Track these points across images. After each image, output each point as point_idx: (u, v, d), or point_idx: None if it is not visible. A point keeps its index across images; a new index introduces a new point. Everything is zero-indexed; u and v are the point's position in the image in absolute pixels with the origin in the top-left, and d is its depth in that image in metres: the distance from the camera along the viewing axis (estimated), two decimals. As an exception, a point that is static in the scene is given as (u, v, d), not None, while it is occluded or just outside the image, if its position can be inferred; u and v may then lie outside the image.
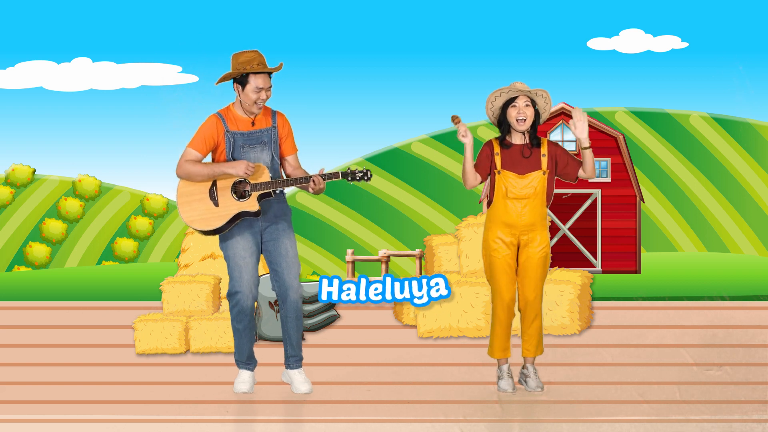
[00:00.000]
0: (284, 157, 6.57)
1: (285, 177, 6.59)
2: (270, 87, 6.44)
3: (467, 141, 6.36)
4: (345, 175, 6.37)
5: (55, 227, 24.92)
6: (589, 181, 19.01)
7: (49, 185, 25.29)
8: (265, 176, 6.41)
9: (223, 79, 6.47)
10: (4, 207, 24.83)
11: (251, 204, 6.38)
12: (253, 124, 6.48)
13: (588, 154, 6.44)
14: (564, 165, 6.50)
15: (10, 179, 25.06)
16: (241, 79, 6.41)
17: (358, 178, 6.39)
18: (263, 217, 6.47)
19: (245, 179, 6.37)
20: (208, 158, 6.54)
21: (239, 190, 6.41)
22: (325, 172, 6.38)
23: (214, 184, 6.43)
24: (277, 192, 6.49)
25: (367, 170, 6.40)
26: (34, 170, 25.24)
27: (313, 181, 6.34)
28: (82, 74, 25.38)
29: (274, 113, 6.56)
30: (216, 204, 6.40)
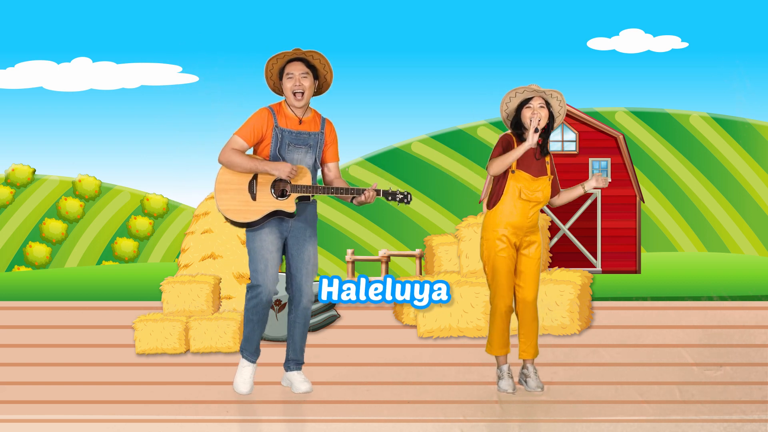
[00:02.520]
0: (326, 163, 6.58)
1: (324, 183, 6.63)
2: (304, 73, 6.42)
3: (531, 142, 6.30)
4: (386, 194, 6.44)
5: (55, 227, 24.91)
6: (589, 181, 19.02)
7: (49, 185, 25.28)
8: (307, 179, 6.41)
9: (268, 80, 6.48)
10: (4, 207, 24.83)
11: (289, 204, 6.38)
12: (300, 122, 6.49)
13: (578, 193, 6.53)
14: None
15: (10, 179, 25.06)
16: (280, 74, 6.45)
17: (398, 199, 6.46)
18: (294, 220, 6.48)
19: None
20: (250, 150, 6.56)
21: (279, 188, 6.41)
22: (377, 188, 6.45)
23: (255, 177, 6.42)
24: (312, 197, 6.50)
25: (407, 192, 6.47)
26: (34, 170, 25.23)
27: (365, 196, 6.38)
28: (82, 74, 25.37)
29: (323, 119, 6.58)
30: (254, 198, 6.40)
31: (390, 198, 6.44)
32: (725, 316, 9.16)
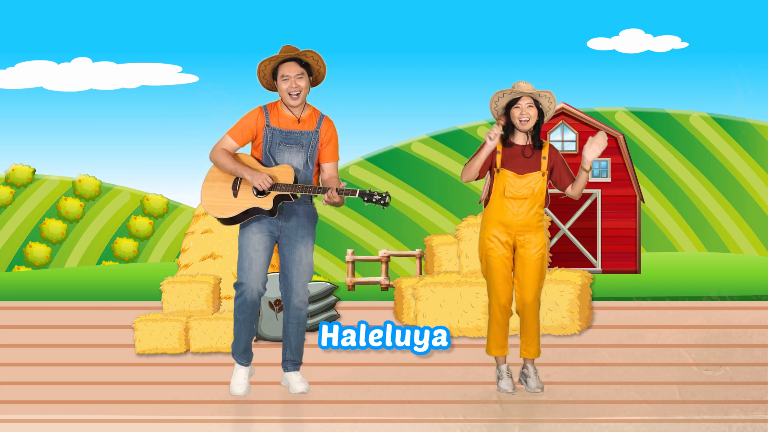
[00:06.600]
0: (321, 164, 6.51)
1: (320, 183, 6.55)
2: (299, 75, 6.38)
3: (492, 144, 6.27)
4: (362, 194, 6.23)
5: (55, 227, 24.90)
6: (589, 181, 19.01)
7: (49, 185, 25.27)
8: (289, 178, 6.38)
9: (261, 81, 6.45)
10: (4, 207, 24.82)
11: (266, 202, 6.36)
12: (299, 121, 6.45)
13: (584, 177, 6.38)
14: (558, 174, 6.48)
15: (10, 179, 25.05)
16: (274, 74, 6.42)
17: (375, 201, 6.21)
18: (285, 220, 6.44)
19: (270, 176, 6.35)
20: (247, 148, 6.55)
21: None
22: (344, 187, 6.29)
23: None
24: (299, 196, 6.44)
25: (386, 193, 6.22)
26: (34, 170, 25.23)
27: (328, 194, 6.26)
28: (82, 74, 25.36)
29: (321, 117, 6.52)
30: (235, 194, 6.40)
31: (366, 200, 6.23)
32: (725, 316, 9.17)
